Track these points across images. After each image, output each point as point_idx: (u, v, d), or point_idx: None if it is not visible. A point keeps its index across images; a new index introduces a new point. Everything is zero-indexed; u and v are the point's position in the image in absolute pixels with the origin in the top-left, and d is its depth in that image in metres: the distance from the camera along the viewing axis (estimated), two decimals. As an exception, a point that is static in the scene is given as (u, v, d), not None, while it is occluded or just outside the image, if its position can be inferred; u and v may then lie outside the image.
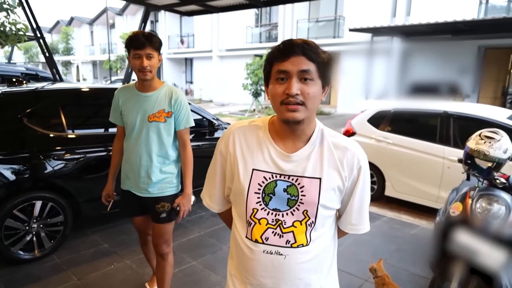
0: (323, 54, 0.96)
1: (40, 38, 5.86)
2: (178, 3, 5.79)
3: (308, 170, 1.00)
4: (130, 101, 2.00)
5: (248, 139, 1.06)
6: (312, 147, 1.02)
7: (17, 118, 2.80)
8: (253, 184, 1.02)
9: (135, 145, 1.99)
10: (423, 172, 4.25)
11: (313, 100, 0.95)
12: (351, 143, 1.03)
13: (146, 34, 1.86)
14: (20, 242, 2.79)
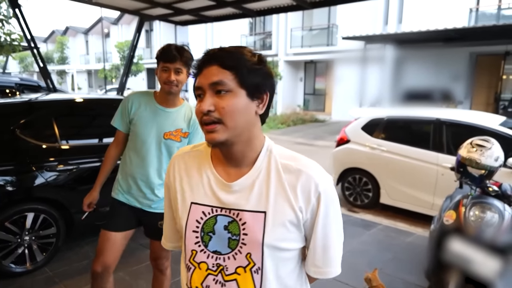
0: (251, 58, 0.82)
1: (34, 48, 5.85)
2: (172, 13, 5.82)
3: (251, 201, 0.82)
4: (147, 112, 1.88)
5: (188, 167, 0.92)
6: (257, 172, 0.84)
7: (9, 130, 2.78)
8: (190, 221, 0.87)
9: (143, 159, 1.89)
10: (417, 179, 4.26)
11: (233, 115, 0.78)
12: (307, 165, 0.84)
13: (179, 47, 1.79)
14: (12, 255, 2.75)
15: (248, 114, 0.81)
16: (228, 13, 5.86)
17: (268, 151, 0.86)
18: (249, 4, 5.22)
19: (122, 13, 17.86)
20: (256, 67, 0.82)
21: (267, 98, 0.84)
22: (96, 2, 5.35)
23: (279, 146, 0.90)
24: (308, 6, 5.13)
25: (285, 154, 0.87)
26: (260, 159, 0.85)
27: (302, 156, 0.88)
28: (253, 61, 0.82)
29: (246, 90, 0.80)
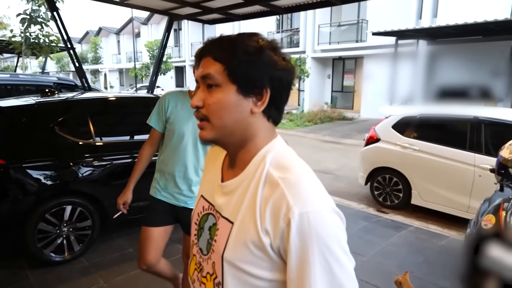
0: (247, 46, 0.70)
1: (70, 48, 6.12)
2: (200, 12, 5.89)
3: (229, 208, 0.75)
4: (183, 111, 1.92)
5: (214, 158, 0.90)
6: (245, 177, 0.74)
7: (49, 127, 2.94)
8: (195, 212, 0.89)
9: (181, 156, 1.92)
10: (452, 180, 4.09)
11: (219, 113, 0.71)
12: (291, 178, 0.67)
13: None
14: (52, 245, 2.91)
15: (239, 113, 0.71)
16: (255, 11, 5.85)
17: (263, 155, 0.73)
18: (277, 1, 5.19)
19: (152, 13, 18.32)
20: (250, 57, 0.69)
21: (267, 94, 0.71)
22: (127, 3, 5.51)
23: (283, 151, 0.75)
24: (338, 1, 5.03)
25: (278, 161, 0.72)
26: (252, 163, 0.74)
27: (298, 166, 0.71)
28: (247, 50, 0.69)
29: (237, 85, 0.70)
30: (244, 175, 0.74)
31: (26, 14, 11.45)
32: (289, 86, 0.75)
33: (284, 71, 0.73)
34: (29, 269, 2.86)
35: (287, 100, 0.77)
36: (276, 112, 0.76)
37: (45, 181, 2.82)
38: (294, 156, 0.75)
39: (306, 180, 0.68)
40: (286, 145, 0.78)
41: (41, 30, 11.75)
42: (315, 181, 0.69)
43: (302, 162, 0.74)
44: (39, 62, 19.17)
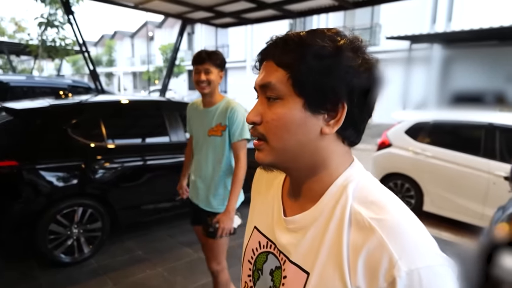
0: (317, 49, 0.55)
1: (85, 51, 6.25)
2: (213, 16, 5.95)
3: (299, 251, 0.60)
4: (196, 116, 2.09)
5: (267, 182, 0.76)
6: (318, 214, 0.59)
7: (62, 129, 2.99)
8: (248, 248, 0.73)
9: (198, 159, 2.07)
10: (465, 187, 4.00)
11: (278, 133, 0.57)
12: (389, 221, 0.52)
13: (208, 51, 1.93)
14: (62, 246, 2.95)
15: (305, 134, 0.57)
16: (268, 15, 5.88)
17: (342, 186, 0.58)
18: (289, 5, 5.20)
19: (166, 17, 18.54)
20: (322, 63, 0.54)
21: (344, 110, 0.56)
22: (142, 7, 5.60)
23: (365, 180, 0.59)
24: (351, 6, 5.01)
25: (364, 195, 0.56)
26: (327, 196, 0.59)
27: (392, 203, 0.55)
28: (320, 53, 0.54)
29: (304, 98, 0.56)
30: (318, 210, 0.59)
31: (43, 17, 11.75)
32: (374, 98, 0.58)
33: (368, 78, 0.56)
34: (39, 270, 2.91)
35: (370, 115, 0.59)
36: (354, 132, 0.59)
37: (57, 182, 2.87)
38: (380, 187, 0.59)
39: (409, 223, 0.53)
40: (366, 172, 0.62)
41: (57, 33, 12.06)
42: (417, 224, 0.54)
43: (393, 195, 0.58)
44: (55, 64, 19.59)
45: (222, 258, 2.09)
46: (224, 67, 1.97)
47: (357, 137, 0.61)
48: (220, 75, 1.96)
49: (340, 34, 0.57)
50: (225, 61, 1.98)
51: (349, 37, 0.58)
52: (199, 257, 3.20)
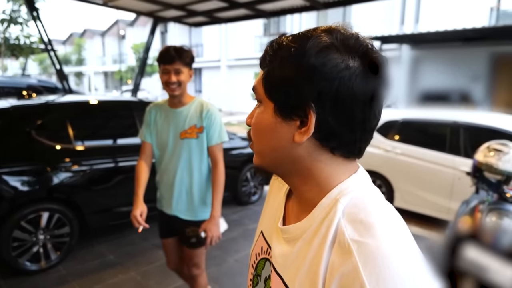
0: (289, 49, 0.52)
1: (51, 50, 6.00)
2: (186, 15, 5.87)
3: (285, 263, 0.57)
4: (162, 119, 1.91)
5: (279, 188, 0.73)
6: (308, 226, 0.55)
7: (25, 131, 2.85)
8: (253, 252, 0.72)
9: (168, 165, 1.89)
10: (433, 182, 4.16)
11: (257, 135, 0.57)
12: (368, 243, 0.46)
13: (177, 49, 1.78)
14: (27, 253, 2.82)
15: (276, 140, 0.54)
16: (241, 14, 5.87)
17: (335, 199, 0.53)
18: (261, 5, 5.21)
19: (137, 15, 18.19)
20: (290, 64, 0.51)
21: (312, 118, 0.51)
22: (111, 5, 5.44)
23: (362, 195, 0.53)
24: (321, 6, 5.09)
25: (355, 212, 0.50)
26: (318, 208, 0.54)
27: (383, 224, 0.48)
28: (288, 54, 0.51)
29: (274, 102, 0.54)
30: (308, 223, 0.55)
31: (6, 14, 11.19)
32: (367, 100, 0.51)
33: (357, 80, 0.49)
34: (2, 279, 2.76)
35: (366, 121, 0.52)
36: (341, 143, 0.53)
37: (20, 187, 2.73)
38: (379, 203, 0.53)
39: (394, 252, 0.46)
40: (368, 185, 0.56)
41: (21, 30, 11.50)
42: (407, 252, 0.47)
43: (392, 215, 0.51)
44: (20, 63, 18.76)
45: (202, 262, 2.03)
46: (193, 64, 1.84)
47: (350, 148, 0.54)
48: (190, 74, 1.82)
49: (331, 33, 0.52)
50: (194, 57, 1.85)
51: (342, 36, 0.51)
52: (173, 260, 3.15)
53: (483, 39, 10.50)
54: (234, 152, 4.44)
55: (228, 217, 4.23)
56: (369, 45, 0.53)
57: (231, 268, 3.06)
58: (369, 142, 0.56)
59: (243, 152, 4.52)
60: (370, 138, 0.56)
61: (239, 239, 3.62)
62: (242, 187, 4.54)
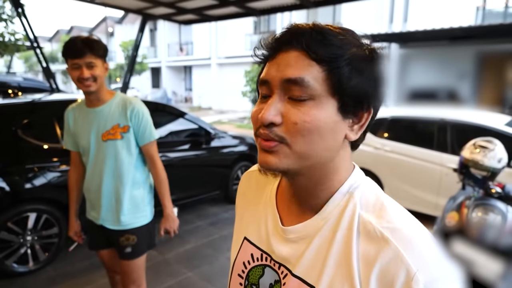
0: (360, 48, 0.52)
1: (37, 47, 5.89)
2: (175, 12, 5.82)
3: (303, 263, 0.55)
4: (80, 120, 1.70)
5: (256, 189, 0.70)
6: (323, 222, 0.55)
7: (11, 130, 2.80)
8: (238, 261, 0.68)
9: (93, 170, 1.70)
10: (421, 179, 4.23)
11: (308, 136, 0.51)
12: (404, 231, 0.49)
13: (86, 39, 1.56)
14: (15, 255, 2.77)
15: (333, 139, 0.52)
16: (231, 12, 5.85)
17: (348, 193, 0.55)
18: (252, 3, 5.20)
19: (125, 12, 17.97)
20: (366, 65, 0.52)
21: (370, 115, 0.54)
22: (99, 2, 5.36)
23: (370, 187, 0.57)
24: (311, 5, 5.11)
25: (372, 203, 0.53)
26: (331, 203, 0.55)
27: (401, 212, 0.52)
28: (364, 54, 0.52)
29: (339, 101, 0.51)
30: (322, 219, 0.55)
31: (-10, 11, 10.92)
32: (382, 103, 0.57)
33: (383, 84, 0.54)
34: (-10, 280, 2.72)
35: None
36: (363, 136, 0.57)
37: (6, 187, 2.68)
38: (382, 193, 0.57)
39: (421, 233, 0.50)
40: (366, 177, 0.60)
41: (6, 27, 11.24)
42: (427, 232, 0.51)
43: (395, 202, 0.56)
44: (5, 61, 18.38)
45: (143, 280, 1.84)
46: (106, 56, 1.64)
47: (361, 141, 0.59)
48: (106, 67, 1.63)
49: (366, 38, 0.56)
50: (107, 49, 1.65)
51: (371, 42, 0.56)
52: (164, 259, 3.14)
53: (469, 38, 10.69)
54: (225, 151, 4.43)
55: (219, 215, 4.23)
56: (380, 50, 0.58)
57: (223, 267, 3.06)
58: None
59: (234, 151, 4.52)
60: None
61: (230, 237, 3.61)
62: (233, 186, 4.54)
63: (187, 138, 4.24)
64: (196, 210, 4.35)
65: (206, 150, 4.23)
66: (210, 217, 4.16)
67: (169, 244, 3.40)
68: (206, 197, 4.31)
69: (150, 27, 25.66)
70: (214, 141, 4.31)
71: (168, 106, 4.24)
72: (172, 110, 4.08)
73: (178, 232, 1.88)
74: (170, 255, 3.21)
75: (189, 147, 4.09)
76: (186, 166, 3.95)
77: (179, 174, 3.78)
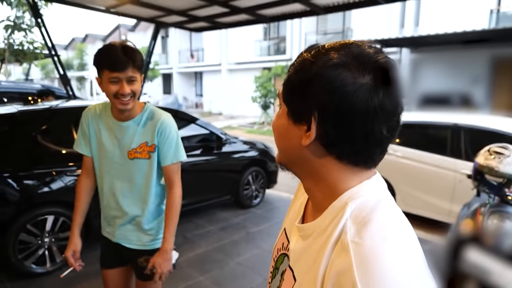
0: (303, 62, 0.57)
1: (54, 55, 6.06)
2: (187, 20, 5.92)
3: (297, 258, 0.62)
4: (104, 132, 1.55)
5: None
6: (319, 225, 0.59)
7: (31, 136, 2.89)
8: (276, 247, 0.77)
9: (115, 187, 1.57)
10: (434, 185, 4.18)
11: (274, 133, 0.65)
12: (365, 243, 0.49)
13: (127, 49, 1.37)
14: (33, 256, 2.85)
15: (288, 140, 0.61)
16: (242, 20, 5.92)
17: (345, 202, 0.56)
18: (262, 10, 5.26)
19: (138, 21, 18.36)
20: (301, 74, 0.56)
21: (313, 126, 0.55)
22: (113, 11, 5.50)
23: (372, 200, 0.56)
24: (322, 11, 5.13)
25: (363, 215, 0.53)
26: (330, 210, 0.58)
27: (384, 227, 0.51)
28: (301, 65, 0.57)
29: (287, 107, 0.60)
30: (319, 222, 0.59)
31: (10, 20, 11.27)
32: (371, 114, 0.52)
33: (361, 95, 0.52)
34: (8, 282, 2.79)
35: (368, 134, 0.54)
36: (343, 151, 0.56)
37: (27, 191, 2.77)
38: (386, 208, 0.55)
39: (390, 254, 0.47)
40: (381, 192, 0.58)
41: (25, 36, 11.59)
42: (405, 256, 0.49)
43: (397, 219, 0.54)
44: (23, 68, 18.87)
45: None
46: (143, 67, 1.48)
47: (354, 158, 0.57)
48: (141, 79, 1.47)
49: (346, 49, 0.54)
50: (143, 58, 1.48)
51: (357, 52, 0.54)
52: (183, 259, 3.18)
53: (483, 41, 10.54)
54: (236, 156, 4.47)
55: (230, 220, 4.26)
56: (383, 60, 0.54)
57: (233, 271, 3.08)
58: (380, 153, 0.58)
59: (245, 156, 4.56)
60: (381, 150, 0.57)
61: (241, 242, 3.64)
62: (244, 191, 4.56)
63: (199, 143, 4.29)
64: (207, 215, 4.39)
65: (217, 155, 4.27)
66: (221, 222, 4.19)
67: (180, 248, 3.44)
68: (217, 201, 4.34)
69: (161, 34, 26.05)
70: (225, 147, 4.35)
71: (180, 111, 4.30)
72: (184, 116, 4.14)
73: (189, 236, 1.78)
74: (182, 259, 3.24)
75: (200, 152, 4.14)
76: (198, 171, 4.00)
77: (190, 179, 3.82)
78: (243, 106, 19.76)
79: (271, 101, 15.14)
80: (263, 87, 14.80)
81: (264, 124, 15.40)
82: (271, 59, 17.92)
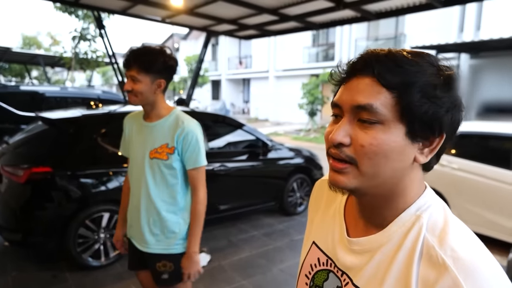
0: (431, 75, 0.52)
1: (114, 63, 6.54)
2: (237, 29, 6.08)
3: (364, 275, 0.58)
4: (135, 132, 1.67)
5: (328, 198, 0.74)
6: (387, 240, 0.57)
7: (92, 138, 3.14)
8: (306, 263, 0.73)
9: (136, 186, 1.64)
10: (495, 201, 3.85)
11: (375, 159, 0.53)
12: (464, 258, 0.49)
13: (136, 51, 1.51)
14: (90, 250, 3.07)
15: (400, 161, 0.54)
16: (290, 27, 5.96)
17: (416, 216, 0.56)
18: (311, 17, 5.25)
19: (191, 29, 19.17)
20: (437, 92, 0.52)
21: (441, 141, 0.54)
22: (169, 21, 5.81)
23: (440, 211, 0.57)
24: (373, 17, 5.01)
25: (440, 228, 0.53)
26: (397, 223, 0.57)
27: (470, 239, 0.53)
28: (436, 80, 0.52)
29: (407, 126, 0.52)
30: (386, 237, 0.57)
31: (77, 32, 12.40)
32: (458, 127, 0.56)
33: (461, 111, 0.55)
34: (68, 272, 3.04)
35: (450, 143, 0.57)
36: (436, 159, 0.58)
37: (87, 188, 3.01)
38: (454, 218, 0.56)
39: (485, 264, 0.50)
40: (438, 200, 0.59)
41: (89, 46, 12.69)
42: (493, 264, 0.51)
43: (466, 229, 0.55)
44: (86, 75, 20.55)
45: None
46: (163, 71, 1.52)
47: (435, 163, 0.59)
48: (158, 83, 1.52)
49: (445, 62, 0.55)
50: (166, 63, 1.52)
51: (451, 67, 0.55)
52: (220, 266, 3.24)
53: (555, 45, 9.55)
54: (281, 163, 4.48)
55: (274, 226, 4.26)
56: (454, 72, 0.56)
57: (276, 278, 3.08)
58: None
59: (290, 163, 4.55)
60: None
61: (284, 249, 3.63)
62: (289, 197, 4.55)
63: (245, 149, 4.36)
64: (251, 220, 4.43)
65: (262, 161, 4.31)
66: (265, 228, 4.21)
67: (224, 251, 3.51)
68: (261, 207, 4.37)
69: (212, 42, 26.96)
70: (271, 153, 4.38)
71: (227, 117, 4.42)
72: (231, 122, 4.24)
73: (234, 240, 1.80)
74: (225, 262, 3.31)
75: (246, 158, 4.21)
76: (243, 176, 4.06)
77: (235, 183, 3.90)
78: (289, 113, 19.75)
79: (318, 108, 14.96)
80: (311, 94, 14.69)
81: (310, 131, 15.25)
82: (319, 65, 17.75)
